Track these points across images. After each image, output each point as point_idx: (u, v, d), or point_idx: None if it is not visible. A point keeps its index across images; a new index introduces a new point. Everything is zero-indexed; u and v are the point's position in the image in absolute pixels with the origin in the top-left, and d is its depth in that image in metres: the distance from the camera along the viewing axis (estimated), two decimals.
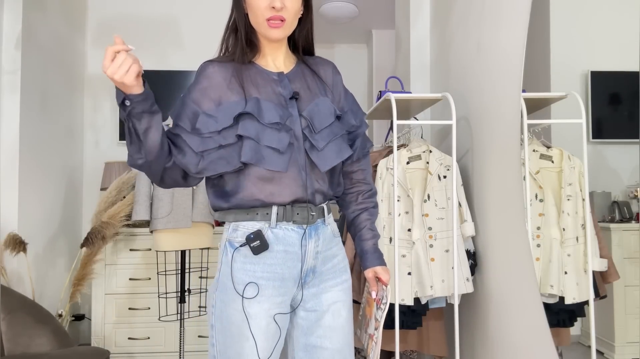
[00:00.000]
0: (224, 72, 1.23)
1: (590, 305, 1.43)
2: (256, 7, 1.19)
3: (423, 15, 2.96)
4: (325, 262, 1.28)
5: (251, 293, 1.19)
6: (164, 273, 2.83)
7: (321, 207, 1.27)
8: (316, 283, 1.28)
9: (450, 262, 2.11)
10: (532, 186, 1.64)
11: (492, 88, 2.04)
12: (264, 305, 1.20)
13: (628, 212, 1.34)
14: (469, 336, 2.29)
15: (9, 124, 2.69)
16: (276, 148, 1.17)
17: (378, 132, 4.90)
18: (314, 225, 1.25)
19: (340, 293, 1.30)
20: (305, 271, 1.25)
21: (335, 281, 1.30)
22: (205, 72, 1.24)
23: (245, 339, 1.18)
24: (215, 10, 3.67)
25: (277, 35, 1.21)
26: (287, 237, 1.22)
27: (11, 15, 2.70)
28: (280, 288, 1.22)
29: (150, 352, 3.07)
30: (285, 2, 1.18)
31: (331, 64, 1.36)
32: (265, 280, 1.21)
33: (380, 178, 2.19)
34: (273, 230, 1.21)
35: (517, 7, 1.81)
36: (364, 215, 1.40)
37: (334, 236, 1.31)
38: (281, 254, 1.21)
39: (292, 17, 1.21)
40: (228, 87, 1.22)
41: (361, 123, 1.36)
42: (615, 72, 1.40)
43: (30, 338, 2.25)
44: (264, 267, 1.21)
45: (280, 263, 1.21)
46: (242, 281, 1.20)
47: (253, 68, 1.26)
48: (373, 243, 1.40)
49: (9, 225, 2.67)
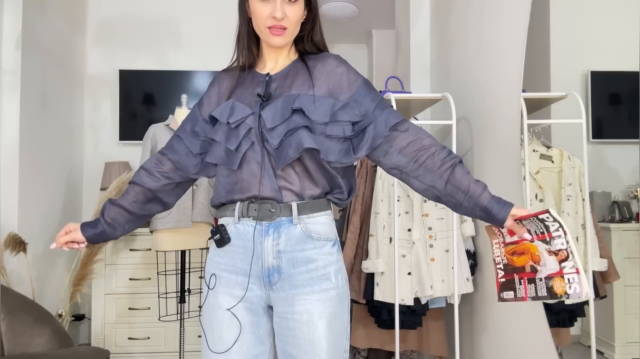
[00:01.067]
0: (228, 79, 1.33)
1: (590, 305, 1.43)
2: (258, 15, 1.23)
3: (423, 15, 2.96)
4: (294, 264, 1.21)
5: (212, 284, 1.27)
6: (164, 273, 2.83)
7: (288, 205, 1.21)
8: (285, 287, 1.22)
9: (450, 262, 2.11)
10: (532, 186, 1.64)
11: (492, 88, 2.04)
12: (224, 298, 1.25)
13: (628, 212, 1.34)
14: (469, 336, 2.29)
15: (9, 124, 2.69)
16: (228, 148, 1.24)
17: None
18: (275, 222, 1.21)
19: (317, 304, 1.20)
20: (267, 270, 1.22)
21: (311, 289, 1.21)
22: (214, 81, 1.37)
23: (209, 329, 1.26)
24: (215, 11, 3.67)
25: (279, 42, 1.25)
26: (246, 233, 1.24)
27: (11, 15, 2.70)
28: (243, 282, 1.24)
29: (150, 352, 3.06)
30: (286, 11, 1.21)
31: (331, 57, 1.30)
32: (227, 272, 1.26)
33: (380, 178, 2.19)
34: (235, 225, 1.26)
35: (517, 7, 1.81)
36: (455, 172, 1.19)
37: (309, 238, 1.22)
38: (241, 249, 1.25)
39: (293, 25, 1.25)
40: (224, 92, 1.32)
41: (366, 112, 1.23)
42: (615, 72, 1.40)
43: (30, 338, 2.25)
44: (227, 260, 1.27)
45: (241, 258, 1.25)
46: (208, 272, 1.30)
47: (251, 73, 1.32)
48: (488, 194, 1.18)
49: (9, 225, 2.67)
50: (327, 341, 1.20)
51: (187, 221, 2.52)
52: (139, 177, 1.37)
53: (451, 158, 1.20)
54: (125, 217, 1.37)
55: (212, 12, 3.67)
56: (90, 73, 3.60)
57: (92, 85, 3.59)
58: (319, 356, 1.19)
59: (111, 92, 3.58)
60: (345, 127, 1.22)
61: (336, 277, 1.24)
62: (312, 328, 1.19)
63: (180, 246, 2.57)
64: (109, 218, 1.36)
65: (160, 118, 3.32)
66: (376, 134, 1.22)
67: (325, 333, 1.20)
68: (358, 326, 2.31)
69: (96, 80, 3.60)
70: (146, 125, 2.73)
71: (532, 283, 1.16)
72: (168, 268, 2.84)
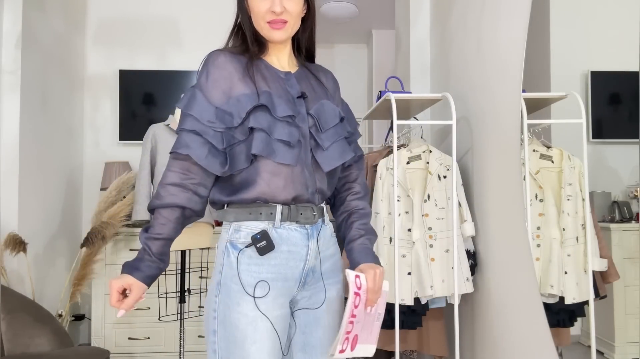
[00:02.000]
0: (235, 62, 1.21)
1: (590, 305, 1.43)
2: (257, 11, 1.20)
3: (423, 15, 2.96)
4: (324, 262, 1.28)
5: (261, 292, 1.16)
6: (164, 273, 2.83)
7: (321, 207, 1.27)
8: (314, 282, 1.27)
9: (450, 262, 2.11)
10: (532, 186, 1.64)
11: (492, 88, 2.04)
12: (269, 307, 1.17)
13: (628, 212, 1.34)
14: (469, 336, 2.29)
15: (9, 124, 2.69)
16: (287, 141, 1.16)
17: (378, 132, 4.90)
18: (316, 225, 1.25)
19: (336, 292, 1.30)
20: (306, 271, 1.23)
21: (333, 280, 1.30)
22: (217, 62, 1.20)
23: (251, 343, 1.14)
24: (215, 10, 3.67)
25: (280, 36, 1.21)
26: (291, 237, 1.20)
27: (11, 15, 2.70)
28: (282, 288, 1.20)
29: (150, 352, 3.07)
30: (285, 5, 1.18)
31: (331, 73, 1.39)
32: (270, 281, 1.18)
33: (380, 178, 2.19)
34: (277, 230, 1.19)
35: (517, 7, 1.81)
36: (352, 216, 1.36)
37: (332, 236, 1.32)
38: (285, 254, 1.20)
39: (294, 19, 1.22)
40: (240, 78, 1.20)
41: (355, 131, 1.38)
42: (615, 72, 1.40)
43: (30, 338, 2.25)
44: (268, 268, 1.18)
45: (284, 263, 1.19)
46: (248, 283, 1.16)
47: (262, 63, 1.25)
48: (361, 242, 1.32)
49: (9, 225, 2.67)
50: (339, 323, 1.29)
51: None
52: (174, 196, 1.16)
53: (362, 203, 1.37)
54: (169, 245, 1.20)
55: (212, 12, 3.67)
56: (90, 73, 3.60)
57: (92, 85, 3.59)
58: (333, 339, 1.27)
59: (111, 92, 3.58)
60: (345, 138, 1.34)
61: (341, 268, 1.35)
62: (333, 315, 1.28)
63: (180, 246, 2.58)
64: (159, 255, 1.16)
65: (160, 118, 3.32)
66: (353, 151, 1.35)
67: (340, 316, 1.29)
68: None
69: (96, 80, 3.60)
70: (146, 125, 2.74)
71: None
72: (168, 268, 2.85)
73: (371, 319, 1.25)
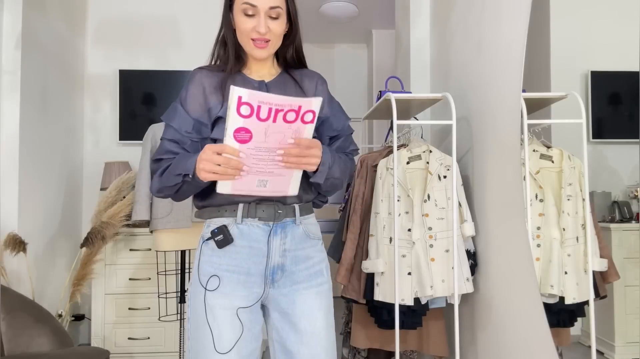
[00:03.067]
0: (211, 77, 1.31)
1: (590, 305, 1.43)
2: (242, 29, 1.27)
3: (423, 15, 2.96)
4: (296, 262, 1.30)
5: (213, 285, 1.25)
6: (164, 273, 2.83)
7: (292, 206, 1.30)
8: (287, 283, 1.29)
9: (450, 262, 2.11)
10: (532, 186, 1.64)
11: (492, 88, 2.04)
12: (227, 298, 1.24)
13: (628, 212, 1.34)
14: (469, 336, 2.29)
15: (9, 124, 2.69)
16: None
17: (378, 132, 4.90)
18: (281, 223, 1.28)
19: (315, 297, 1.30)
20: (272, 268, 1.28)
21: (309, 284, 1.31)
22: (194, 78, 1.32)
23: (207, 330, 1.22)
24: (215, 11, 3.67)
25: (262, 55, 1.30)
26: (252, 233, 1.26)
27: (11, 15, 2.70)
28: (245, 282, 1.26)
29: (150, 352, 3.07)
30: (270, 25, 1.26)
31: (316, 75, 1.42)
32: (229, 272, 1.25)
33: (380, 178, 2.19)
34: (238, 226, 1.26)
35: (517, 7, 1.81)
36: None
37: (308, 238, 1.33)
38: (246, 249, 1.26)
39: (276, 38, 1.30)
40: (212, 92, 1.30)
41: (343, 128, 1.40)
42: (615, 72, 1.40)
43: (30, 337, 2.25)
44: (228, 261, 1.26)
45: (244, 257, 1.26)
46: (207, 273, 1.26)
47: (239, 76, 1.34)
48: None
49: (9, 225, 2.67)
50: (326, 332, 1.30)
51: (187, 222, 2.52)
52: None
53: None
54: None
55: (212, 12, 3.67)
56: (90, 74, 3.60)
57: (92, 85, 3.59)
58: (321, 346, 1.28)
59: (111, 92, 3.58)
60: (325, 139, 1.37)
61: (327, 272, 1.37)
62: (312, 322, 1.28)
63: (180, 246, 2.58)
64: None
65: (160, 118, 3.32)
66: (342, 147, 1.40)
67: (324, 324, 1.30)
68: (358, 326, 2.31)
69: (96, 80, 3.60)
70: (146, 125, 2.73)
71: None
72: (168, 268, 2.84)
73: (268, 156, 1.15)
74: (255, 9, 1.25)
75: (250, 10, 1.25)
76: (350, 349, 2.54)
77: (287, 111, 1.08)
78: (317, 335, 1.28)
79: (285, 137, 1.12)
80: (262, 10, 1.25)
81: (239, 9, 1.27)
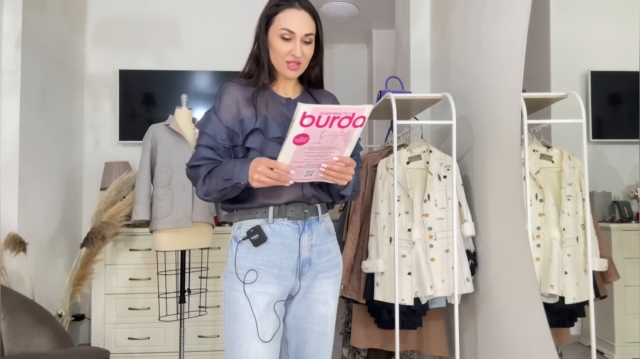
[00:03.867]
0: (243, 91, 1.43)
1: (590, 305, 1.43)
2: (278, 51, 1.39)
3: (423, 15, 2.96)
4: (320, 255, 1.46)
5: (250, 278, 1.38)
6: (164, 273, 2.83)
7: (315, 206, 1.45)
8: (312, 274, 1.45)
9: (450, 262, 2.11)
10: (532, 186, 1.64)
11: (492, 88, 2.04)
12: (265, 290, 1.38)
13: (628, 212, 1.34)
14: (469, 336, 2.29)
15: (9, 124, 2.69)
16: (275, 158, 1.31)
17: (378, 132, 4.90)
18: (308, 221, 1.43)
19: (332, 286, 1.49)
20: (302, 262, 1.42)
21: (328, 274, 1.48)
22: (227, 90, 1.44)
23: (250, 319, 1.35)
24: (215, 11, 3.67)
25: (294, 75, 1.43)
26: (283, 231, 1.40)
27: (11, 15, 2.70)
28: (279, 275, 1.40)
29: (150, 352, 3.06)
30: (303, 50, 1.39)
31: (332, 95, 1.56)
32: (265, 266, 1.39)
33: (380, 178, 2.19)
34: (270, 225, 1.40)
35: (517, 7, 1.81)
36: None
37: (328, 233, 1.49)
38: (278, 246, 1.40)
39: (306, 61, 1.43)
40: (244, 104, 1.42)
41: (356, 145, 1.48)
42: (615, 72, 1.40)
43: (30, 337, 2.25)
44: (263, 257, 1.39)
45: (277, 254, 1.40)
46: (244, 268, 1.39)
47: (268, 92, 1.46)
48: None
49: (9, 225, 2.67)
50: (334, 316, 1.50)
51: (187, 221, 2.52)
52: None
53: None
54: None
55: (212, 12, 3.67)
56: (90, 73, 3.60)
57: (92, 85, 3.59)
58: (329, 327, 1.48)
59: (111, 92, 3.58)
60: None
61: (342, 265, 1.55)
62: (326, 305, 1.47)
63: (180, 246, 2.57)
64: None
65: (160, 118, 3.32)
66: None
67: (334, 309, 1.50)
68: (358, 326, 2.31)
69: (96, 80, 3.60)
70: (146, 125, 2.73)
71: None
72: (168, 268, 2.84)
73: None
74: (293, 34, 1.38)
75: (287, 35, 1.38)
76: (350, 349, 2.54)
77: (342, 118, 1.22)
78: (329, 318, 1.47)
79: (337, 138, 1.26)
80: (298, 37, 1.38)
81: (277, 33, 1.38)
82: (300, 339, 1.46)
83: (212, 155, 1.39)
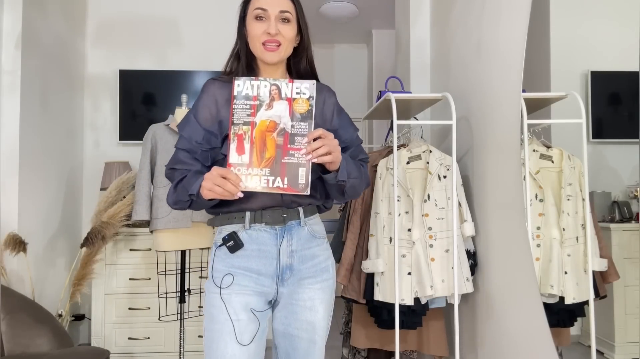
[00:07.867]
0: (223, 89, 1.37)
1: (590, 305, 1.43)
2: (254, 34, 1.34)
3: (423, 15, 2.96)
4: (303, 261, 1.38)
5: (227, 282, 1.33)
6: (164, 273, 2.83)
7: (296, 210, 1.37)
8: (295, 281, 1.37)
9: (450, 262, 2.11)
10: (532, 186, 1.64)
11: (492, 88, 2.04)
12: (242, 293, 1.33)
13: (628, 212, 1.34)
14: (469, 336, 2.29)
15: (9, 124, 2.69)
16: None
17: (378, 132, 4.90)
18: (287, 226, 1.36)
19: (319, 292, 1.40)
20: (282, 268, 1.36)
21: (315, 280, 1.39)
22: (206, 89, 1.39)
23: (227, 322, 1.31)
24: (215, 11, 3.67)
25: (272, 58, 1.34)
26: (260, 237, 1.35)
27: (11, 15, 2.70)
28: (257, 280, 1.34)
29: (150, 352, 3.07)
30: (280, 28, 1.32)
31: (325, 87, 1.47)
32: (242, 270, 1.34)
33: (380, 178, 2.19)
34: (247, 231, 1.35)
35: (517, 7, 1.81)
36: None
37: (313, 237, 1.40)
38: (255, 252, 1.34)
39: (286, 42, 1.35)
40: (223, 104, 1.36)
41: (352, 139, 1.46)
42: (615, 72, 1.40)
43: (30, 338, 2.25)
44: (240, 262, 1.34)
45: (255, 260, 1.34)
46: (221, 271, 1.35)
47: None
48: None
49: (9, 225, 2.67)
50: (324, 322, 1.41)
51: (187, 222, 2.52)
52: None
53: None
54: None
55: (212, 12, 3.67)
56: (90, 74, 3.60)
57: (92, 85, 3.59)
58: (318, 334, 1.39)
59: (111, 92, 3.58)
60: None
61: (333, 269, 1.45)
62: (313, 312, 1.39)
63: (180, 246, 2.57)
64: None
65: (160, 118, 3.32)
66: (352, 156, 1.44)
67: (323, 315, 1.40)
68: (358, 326, 2.31)
69: (96, 80, 3.60)
70: (146, 125, 2.73)
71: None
72: (168, 268, 2.84)
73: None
74: (266, 12, 1.32)
75: (261, 14, 1.32)
76: (350, 349, 2.53)
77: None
78: (315, 324, 1.39)
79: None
80: (272, 14, 1.32)
81: (251, 16, 1.34)
82: (290, 346, 1.41)
83: (187, 159, 1.34)
